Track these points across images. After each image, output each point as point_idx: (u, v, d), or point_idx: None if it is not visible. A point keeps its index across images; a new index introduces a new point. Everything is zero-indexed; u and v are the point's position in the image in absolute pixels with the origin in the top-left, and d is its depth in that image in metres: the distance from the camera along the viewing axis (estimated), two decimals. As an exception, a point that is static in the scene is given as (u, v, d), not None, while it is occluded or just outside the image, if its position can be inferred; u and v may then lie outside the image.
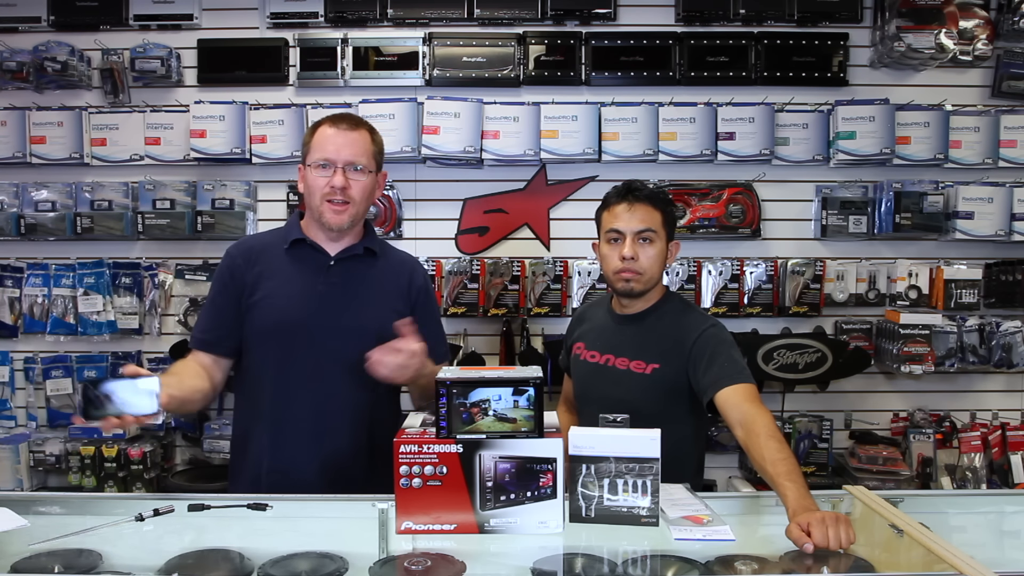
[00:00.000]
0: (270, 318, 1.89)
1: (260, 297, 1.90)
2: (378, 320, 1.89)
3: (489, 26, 3.24)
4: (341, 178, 1.86)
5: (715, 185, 3.21)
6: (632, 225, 1.99)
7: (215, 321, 1.95)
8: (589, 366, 2.10)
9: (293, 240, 1.94)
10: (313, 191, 1.89)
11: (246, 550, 1.46)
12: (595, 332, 2.14)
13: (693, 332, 1.96)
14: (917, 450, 3.14)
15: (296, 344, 1.87)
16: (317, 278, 1.92)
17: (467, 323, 3.23)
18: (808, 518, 1.43)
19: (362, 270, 1.96)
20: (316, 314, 1.89)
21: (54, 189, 3.23)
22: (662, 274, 2.06)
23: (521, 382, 1.52)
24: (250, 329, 1.91)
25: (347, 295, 1.92)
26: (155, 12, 3.24)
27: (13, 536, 1.50)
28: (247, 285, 1.91)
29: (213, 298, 1.97)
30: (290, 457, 1.88)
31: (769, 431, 1.68)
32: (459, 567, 1.37)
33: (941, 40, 3.06)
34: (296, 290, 1.91)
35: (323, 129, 1.91)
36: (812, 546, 1.39)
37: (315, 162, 1.88)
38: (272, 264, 1.93)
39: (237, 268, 1.93)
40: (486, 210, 3.30)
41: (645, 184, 2.06)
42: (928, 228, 3.16)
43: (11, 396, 3.27)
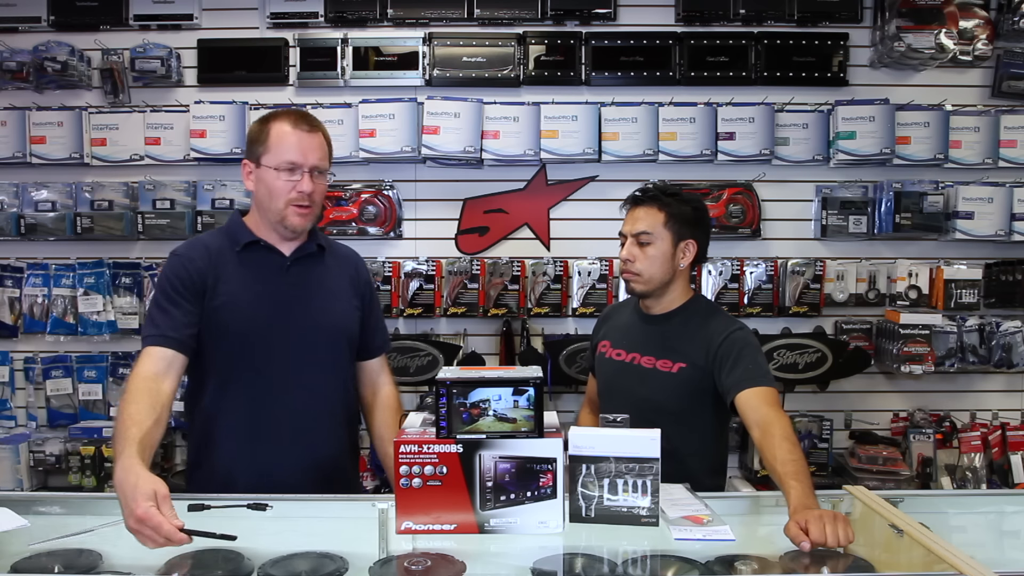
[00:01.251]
0: (235, 323, 1.82)
1: (222, 302, 1.83)
2: (341, 315, 1.94)
3: (489, 26, 3.24)
4: (310, 183, 1.82)
5: (715, 185, 3.21)
6: (630, 227, 2.05)
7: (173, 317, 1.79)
8: (615, 364, 2.12)
9: (246, 242, 1.88)
10: (277, 194, 1.82)
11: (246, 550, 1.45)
12: (620, 331, 2.17)
13: (719, 334, 1.98)
14: (917, 450, 3.14)
15: (265, 348, 1.84)
16: (276, 280, 1.88)
17: (467, 323, 3.23)
18: (807, 516, 1.45)
19: (317, 268, 1.94)
20: (279, 316, 1.86)
21: (54, 189, 3.23)
22: (669, 274, 2.05)
23: (521, 382, 1.52)
24: (212, 335, 1.83)
25: (308, 294, 1.91)
26: (155, 12, 3.24)
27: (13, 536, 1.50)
28: (207, 290, 1.82)
29: (169, 300, 1.81)
30: (270, 461, 1.84)
31: (784, 433, 1.70)
32: (459, 567, 1.37)
33: (941, 40, 3.06)
34: (258, 293, 1.86)
35: (283, 128, 1.83)
36: (809, 544, 1.40)
37: (280, 164, 1.82)
38: (227, 267, 1.86)
39: (195, 266, 1.83)
40: (486, 210, 3.30)
41: (659, 186, 2.11)
42: (928, 228, 3.16)
43: (11, 396, 3.27)
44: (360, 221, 3.23)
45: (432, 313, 3.19)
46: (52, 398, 3.23)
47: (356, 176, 3.27)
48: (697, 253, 2.08)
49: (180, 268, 1.83)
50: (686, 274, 2.10)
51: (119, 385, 3.21)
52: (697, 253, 2.08)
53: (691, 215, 2.05)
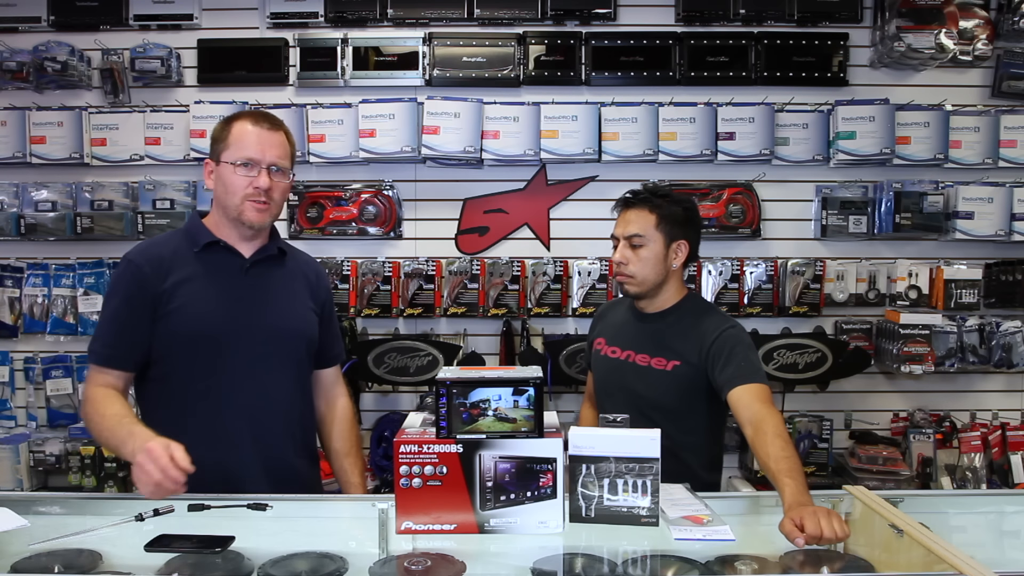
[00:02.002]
0: (192, 325, 1.80)
1: (178, 305, 1.80)
2: (300, 319, 1.93)
3: (489, 26, 3.24)
4: (266, 179, 1.82)
5: (715, 185, 3.21)
6: (622, 230, 2.08)
7: (121, 336, 1.81)
8: (610, 361, 2.14)
9: (206, 243, 1.86)
10: (234, 190, 1.82)
11: (246, 550, 1.45)
12: (616, 328, 2.19)
13: (713, 332, 2.00)
14: (917, 450, 3.14)
15: (222, 349, 1.81)
16: (235, 282, 1.86)
17: (467, 323, 3.23)
18: (801, 512, 1.46)
19: (276, 271, 1.93)
20: (238, 320, 1.84)
21: (54, 189, 3.23)
22: (662, 275, 2.07)
23: (521, 382, 1.52)
24: (168, 338, 1.81)
25: (267, 296, 1.89)
26: (155, 12, 3.24)
27: (13, 536, 1.50)
28: (161, 295, 1.80)
29: (116, 310, 1.82)
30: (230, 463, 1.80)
31: (777, 430, 1.72)
32: (459, 567, 1.37)
33: (941, 40, 3.06)
34: (216, 294, 1.84)
35: (243, 126, 1.84)
36: (804, 540, 1.41)
37: (237, 160, 1.82)
38: (185, 269, 1.83)
39: (146, 278, 1.80)
40: (486, 210, 3.30)
41: (648, 188, 2.12)
42: (928, 228, 3.16)
43: (11, 396, 3.27)
44: (360, 221, 3.23)
45: (432, 313, 3.19)
46: (52, 398, 3.23)
47: (356, 176, 3.27)
48: (689, 253, 2.09)
49: (128, 278, 1.82)
50: (679, 274, 2.12)
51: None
52: (689, 253, 2.09)
53: (682, 216, 2.07)
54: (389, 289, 3.17)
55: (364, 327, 3.21)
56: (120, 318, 1.82)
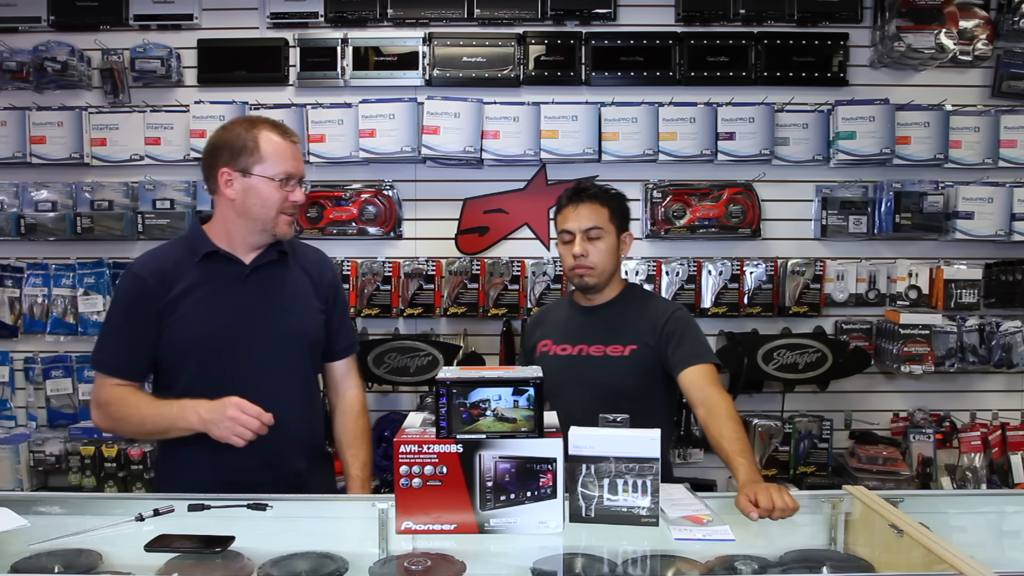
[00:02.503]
0: (195, 334, 1.83)
1: (181, 314, 1.83)
2: (301, 320, 1.94)
3: (489, 26, 3.24)
4: (302, 194, 1.88)
5: (715, 185, 3.21)
6: (580, 224, 2.12)
7: (128, 347, 1.85)
8: (562, 360, 2.15)
9: (205, 253, 1.87)
10: (271, 203, 1.84)
11: (246, 550, 1.45)
12: (561, 327, 2.22)
13: (663, 314, 2.12)
14: (917, 450, 3.14)
15: (225, 357, 1.83)
16: (236, 288, 1.87)
17: (467, 323, 3.23)
18: (755, 488, 1.58)
19: (279, 274, 1.93)
20: (242, 326, 1.85)
21: (54, 189, 3.23)
22: (616, 265, 2.18)
23: (521, 382, 1.52)
24: (173, 348, 1.84)
25: (267, 301, 1.89)
26: (155, 12, 3.24)
27: (13, 536, 1.50)
28: (165, 307, 1.83)
29: (122, 323, 1.85)
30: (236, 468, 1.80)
31: (729, 413, 1.86)
32: (459, 567, 1.37)
33: (941, 40, 3.06)
34: (217, 304, 1.86)
35: (273, 138, 1.85)
36: (757, 514, 1.53)
37: (276, 175, 1.83)
38: (187, 280, 1.85)
39: (150, 291, 1.83)
40: (486, 210, 3.30)
41: (592, 183, 2.21)
42: (928, 228, 3.16)
43: (11, 396, 3.27)
44: (360, 221, 3.23)
45: (432, 313, 3.19)
46: (52, 398, 3.23)
47: (356, 176, 3.27)
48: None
49: (133, 291, 1.85)
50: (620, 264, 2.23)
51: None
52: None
53: (625, 209, 2.21)
54: (389, 289, 3.17)
55: (364, 327, 3.21)
56: (126, 330, 1.85)
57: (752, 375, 3.04)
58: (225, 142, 1.85)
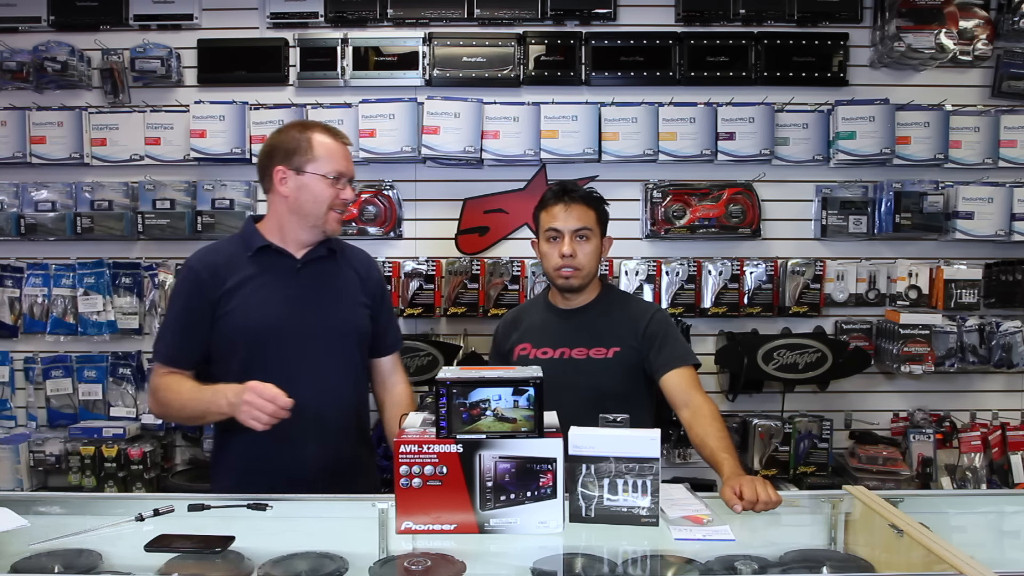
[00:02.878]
0: (246, 326, 1.91)
1: (234, 306, 1.92)
2: (350, 316, 2.03)
3: (489, 26, 3.24)
4: (352, 192, 2.00)
5: (715, 185, 3.21)
6: (569, 224, 2.12)
7: (183, 337, 1.95)
8: (544, 363, 2.09)
9: (259, 247, 1.97)
10: (323, 200, 1.95)
11: (246, 550, 1.46)
12: (538, 330, 2.20)
13: (645, 315, 2.14)
14: (917, 450, 3.14)
15: (275, 348, 1.91)
16: (287, 282, 1.97)
17: (467, 323, 3.23)
18: (739, 481, 1.64)
19: (327, 270, 2.03)
20: (291, 318, 1.94)
21: (54, 189, 3.23)
22: (598, 268, 2.19)
23: (521, 382, 1.52)
24: (225, 338, 1.93)
25: (318, 295, 1.99)
26: (155, 12, 3.24)
27: (13, 536, 1.50)
28: (218, 299, 1.92)
29: (179, 314, 1.96)
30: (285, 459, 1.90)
31: (713, 414, 1.94)
32: (459, 567, 1.37)
33: (941, 40, 3.06)
34: (268, 296, 1.94)
35: (325, 140, 1.97)
36: (740, 506, 1.58)
37: (330, 173, 1.95)
38: (240, 273, 1.95)
39: (205, 284, 1.93)
40: (486, 210, 3.30)
41: (579, 185, 2.20)
42: (928, 228, 3.16)
43: (11, 396, 3.27)
44: (360, 221, 3.23)
45: (432, 313, 3.19)
46: (52, 398, 3.23)
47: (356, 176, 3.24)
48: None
49: (190, 283, 1.96)
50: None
51: (119, 385, 3.22)
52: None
53: (607, 214, 2.22)
54: (389, 289, 3.16)
55: (364, 327, 3.21)
56: (181, 321, 1.96)
57: (752, 375, 3.04)
58: (280, 143, 1.98)
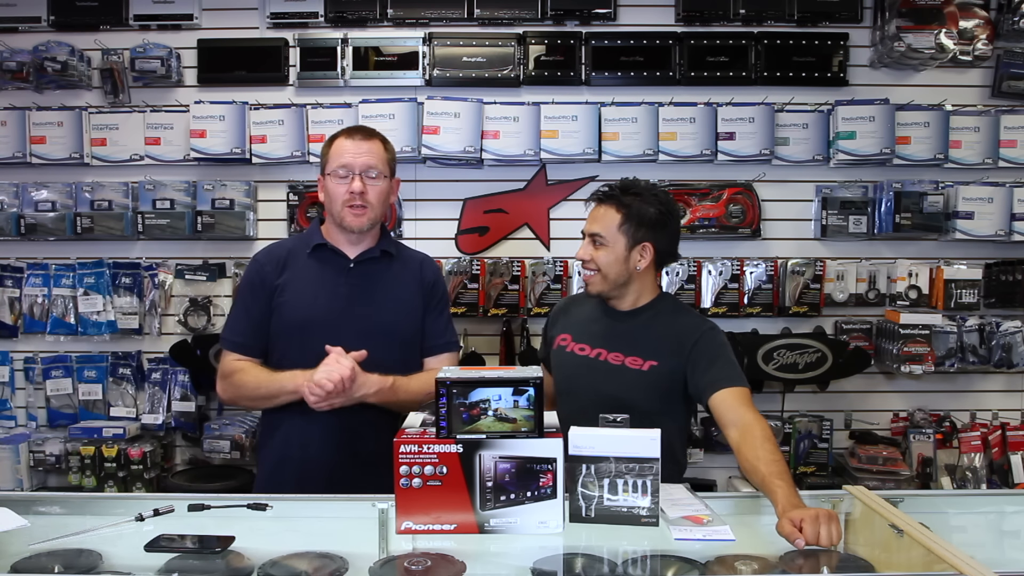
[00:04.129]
0: (295, 316, 2.02)
1: (286, 299, 2.03)
2: (397, 317, 2.08)
3: (489, 26, 3.24)
4: (359, 183, 2.00)
5: (715, 185, 3.21)
6: (589, 227, 2.05)
7: (248, 324, 2.07)
8: (577, 359, 2.07)
9: (315, 245, 2.07)
10: (335, 198, 2.03)
11: (246, 550, 1.46)
12: (583, 325, 2.12)
13: (693, 333, 1.98)
14: (917, 450, 3.14)
15: (321, 341, 1.94)
16: (339, 279, 2.06)
17: (467, 323, 3.23)
18: (800, 515, 1.47)
19: (380, 271, 2.09)
20: (339, 312, 2.02)
21: (54, 189, 3.23)
22: (625, 276, 2.00)
23: (521, 382, 1.52)
24: (277, 327, 2.04)
25: (367, 295, 2.06)
26: (155, 12, 3.24)
27: (13, 536, 1.50)
28: (275, 289, 2.04)
29: (244, 303, 2.09)
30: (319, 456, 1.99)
31: (765, 435, 1.74)
32: (459, 567, 1.37)
33: (941, 40, 3.06)
34: (318, 291, 2.04)
35: (340, 141, 2.05)
36: (803, 541, 1.42)
37: (334, 171, 2.02)
38: (297, 268, 2.06)
39: (267, 274, 2.06)
40: (486, 210, 3.30)
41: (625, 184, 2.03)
42: (928, 228, 3.16)
43: (11, 396, 3.27)
44: (360, 221, 3.23)
45: (432, 313, 3.19)
46: (52, 398, 3.23)
47: (356, 176, 3.26)
48: (658, 256, 2.02)
49: (253, 274, 2.09)
50: (649, 275, 2.05)
51: (119, 385, 3.21)
52: (658, 256, 2.02)
53: (652, 217, 1.98)
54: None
55: (364, 327, 3.21)
56: (247, 308, 2.08)
57: (752, 375, 3.04)
58: (321, 154, 2.11)
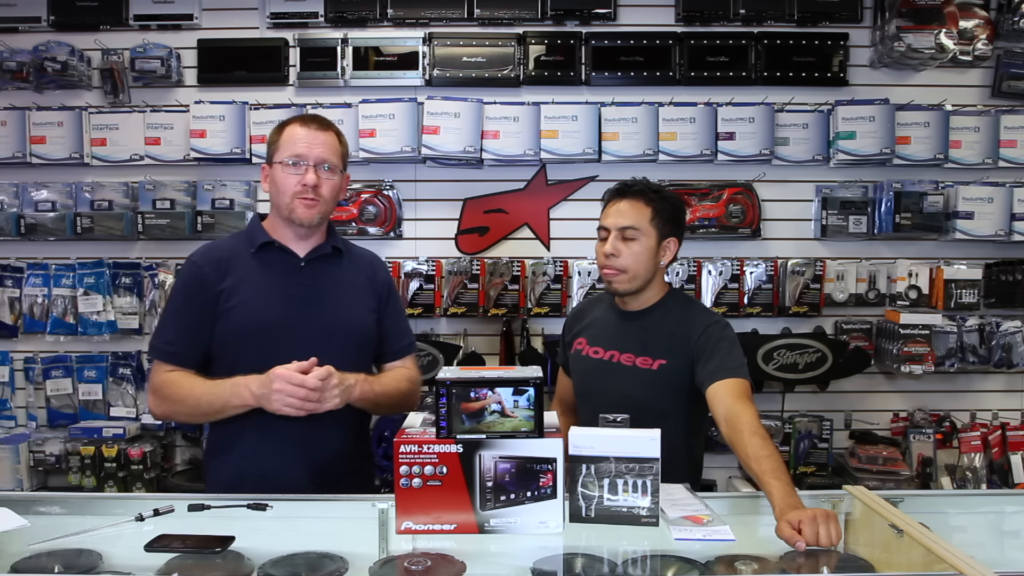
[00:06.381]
0: (247, 322, 1.87)
1: (236, 303, 1.88)
2: (352, 317, 1.97)
3: (489, 26, 3.24)
4: (313, 175, 1.87)
5: (715, 185, 3.21)
6: (616, 221, 2.00)
7: (185, 333, 1.89)
8: (592, 362, 2.09)
9: (261, 244, 1.93)
10: (284, 188, 1.89)
11: (246, 550, 1.45)
12: (597, 328, 2.13)
13: (699, 327, 1.98)
14: (917, 450, 3.14)
15: (276, 347, 1.84)
16: (290, 280, 1.93)
17: (467, 323, 3.23)
18: (799, 516, 1.45)
19: (331, 269, 1.98)
20: (293, 316, 1.89)
21: (54, 189, 3.23)
22: (653, 272, 2.03)
23: (521, 382, 1.52)
24: (225, 335, 1.89)
25: (320, 295, 1.94)
26: (155, 12, 3.24)
27: (13, 536, 1.50)
28: (220, 294, 1.88)
29: (180, 309, 1.91)
30: (278, 461, 1.86)
31: (752, 428, 1.70)
32: (459, 567, 1.37)
33: (941, 40, 3.06)
34: (270, 293, 1.90)
35: (293, 128, 1.92)
36: (804, 544, 1.41)
37: (285, 159, 1.89)
38: (242, 270, 1.91)
39: (207, 278, 1.89)
40: (486, 210, 3.30)
41: (642, 182, 2.05)
42: (928, 228, 3.16)
43: (11, 396, 3.27)
44: (360, 221, 3.23)
45: (432, 313, 3.19)
46: (52, 398, 3.23)
47: (356, 176, 3.26)
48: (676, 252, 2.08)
49: (190, 278, 1.92)
50: (662, 272, 2.08)
51: (119, 385, 3.22)
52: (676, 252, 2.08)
53: (673, 213, 2.04)
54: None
55: (364, 327, 3.21)
56: (181, 317, 1.91)
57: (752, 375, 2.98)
58: (268, 141, 1.97)
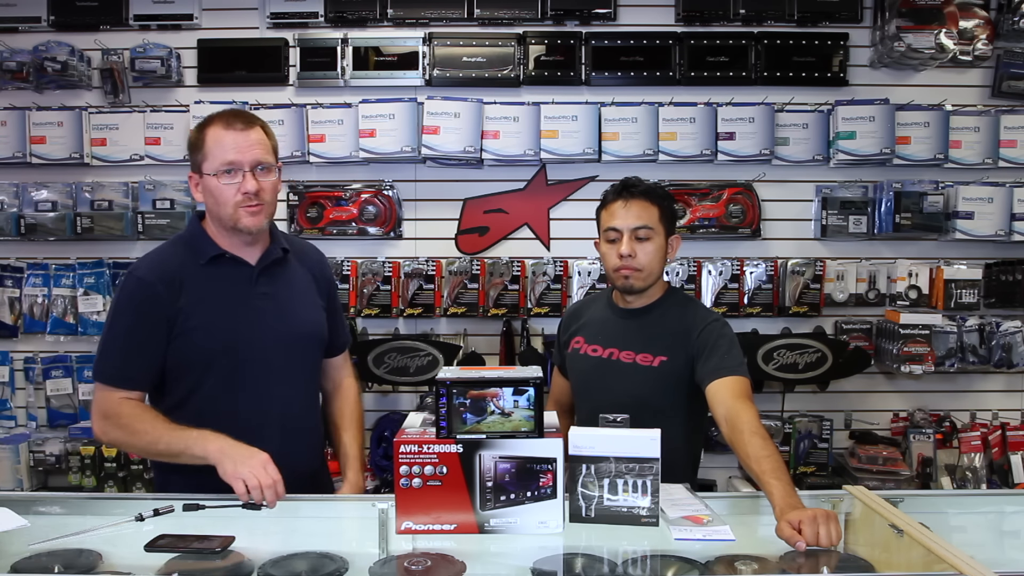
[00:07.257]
0: (214, 342, 1.77)
1: (196, 324, 1.76)
2: (312, 321, 1.92)
3: (489, 26, 3.24)
4: (253, 182, 1.75)
5: (715, 185, 3.21)
6: (628, 222, 1.99)
7: (138, 356, 1.76)
8: (591, 360, 2.08)
9: (212, 256, 1.81)
10: (223, 200, 1.76)
11: (246, 550, 1.45)
12: (595, 326, 2.13)
13: (699, 324, 1.99)
14: (917, 450, 3.14)
15: (241, 362, 1.79)
16: (248, 291, 1.83)
17: (467, 323, 3.23)
18: (799, 516, 1.44)
19: (284, 273, 1.90)
20: (258, 331, 1.81)
21: (54, 189, 3.23)
22: (662, 269, 2.05)
23: (521, 382, 1.52)
24: (187, 356, 1.77)
25: (280, 303, 1.86)
26: (155, 12, 3.24)
27: (13, 536, 1.50)
28: (177, 313, 1.76)
29: (130, 329, 1.76)
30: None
31: (752, 427, 1.69)
32: (459, 567, 1.37)
33: (941, 40, 3.06)
34: (233, 310, 1.80)
35: (217, 132, 1.77)
36: (804, 544, 1.40)
37: (218, 169, 1.75)
38: (196, 286, 1.79)
39: (159, 297, 1.75)
40: (486, 210, 3.30)
41: (641, 180, 2.06)
42: (928, 228, 3.16)
43: (11, 396, 3.27)
44: (360, 221, 3.23)
45: (432, 313, 3.19)
46: (52, 398, 3.23)
47: (356, 176, 3.27)
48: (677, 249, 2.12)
49: (140, 298, 1.77)
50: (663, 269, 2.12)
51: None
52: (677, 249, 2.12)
53: (673, 212, 2.09)
54: (389, 289, 3.17)
55: (364, 327, 3.21)
56: (132, 339, 1.76)
57: (752, 375, 2.99)
58: (189, 145, 1.84)
